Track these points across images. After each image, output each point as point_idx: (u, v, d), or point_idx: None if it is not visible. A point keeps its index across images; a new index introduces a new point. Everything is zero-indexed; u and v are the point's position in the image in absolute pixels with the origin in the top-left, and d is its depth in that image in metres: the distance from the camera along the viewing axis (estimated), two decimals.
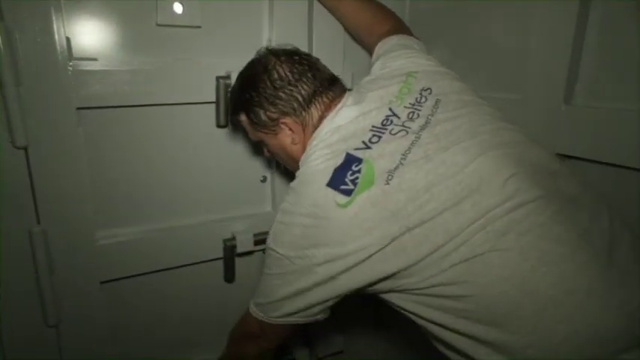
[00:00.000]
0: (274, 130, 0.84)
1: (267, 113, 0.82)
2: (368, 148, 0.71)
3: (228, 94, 0.94)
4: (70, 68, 0.85)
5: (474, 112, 0.75)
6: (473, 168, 0.66)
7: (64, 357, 1.00)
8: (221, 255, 1.12)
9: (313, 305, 0.73)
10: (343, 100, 0.81)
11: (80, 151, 0.91)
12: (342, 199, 0.67)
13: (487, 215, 0.63)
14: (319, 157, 0.74)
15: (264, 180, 1.16)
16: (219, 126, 1.03)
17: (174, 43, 0.96)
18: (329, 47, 1.08)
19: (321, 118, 0.80)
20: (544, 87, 0.86)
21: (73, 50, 0.88)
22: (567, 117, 0.83)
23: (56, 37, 0.82)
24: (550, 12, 0.84)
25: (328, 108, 0.81)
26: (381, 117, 0.75)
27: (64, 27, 0.83)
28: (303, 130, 0.82)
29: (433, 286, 0.65)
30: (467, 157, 0.67)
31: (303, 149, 0.81)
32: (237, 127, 1.05)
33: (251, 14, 1.02)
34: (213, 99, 0.99)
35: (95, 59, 0.90)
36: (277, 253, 0.73)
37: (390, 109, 0.76)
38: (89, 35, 0.90)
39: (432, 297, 0.67)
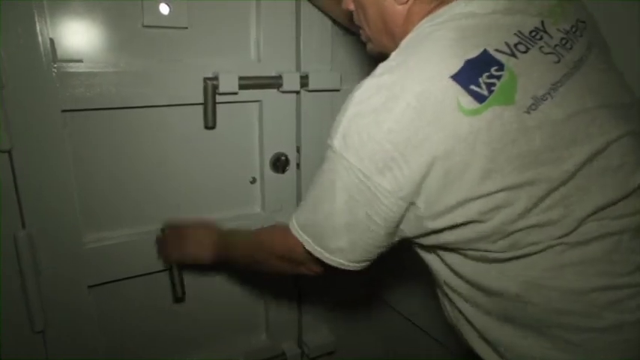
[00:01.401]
0: None
1: None
2: (512, 55, 0.54)
3: None
4: (55, 70, 0.84)
5: (620, 78, 0.62)
6: (619, 146, 0.54)
7: None
8: None
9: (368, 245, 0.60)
10: None
11: (66, 153, 0.90)
12: (469, 102, 0.50)
13: (611, 207, 0.53)
14: (444, 37, 0.54)
15: (253, 181, 1.16)
16: (207, 127, 1.03)
17: (161, 44, 0.96)
18: (317, 48, 1.08)
19: None
20: None
21: (58, 52, 0.87)
22: None
23: (39, 38, 0.81)
24: None
25: None
26: (530, 26, 0.57)
27: (47, 28, 0.82)
28: None
29: (509, 259, 0.55)
30: (619, 130, 0.55)
31: (409, 20, 0.62)
32: None
33: (238, 15, 1.02)
34: (201, 100, 0.99)
35: (80, 61, 0.89)
36: (346, 161, 0.54)
37: (542, 23, 0.58)
38: (74, 36, 0.88)
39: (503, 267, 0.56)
